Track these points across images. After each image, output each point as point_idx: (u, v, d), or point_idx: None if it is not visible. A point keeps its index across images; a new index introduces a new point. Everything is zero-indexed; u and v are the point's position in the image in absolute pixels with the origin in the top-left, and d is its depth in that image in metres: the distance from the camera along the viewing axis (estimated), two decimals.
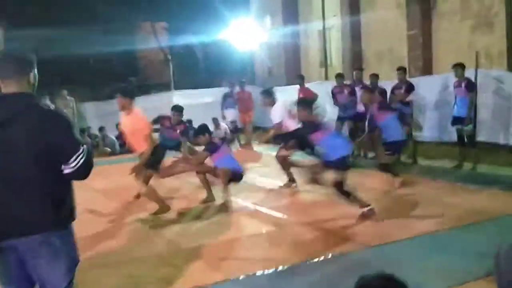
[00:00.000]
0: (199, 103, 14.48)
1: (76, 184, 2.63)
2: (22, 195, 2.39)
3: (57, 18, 17.85)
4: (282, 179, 7.61)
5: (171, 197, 7.09)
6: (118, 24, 19.56)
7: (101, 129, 13.78)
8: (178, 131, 8.07)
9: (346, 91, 10.04)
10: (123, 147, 13.74)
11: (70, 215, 2.56)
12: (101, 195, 7.72)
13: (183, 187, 7.96)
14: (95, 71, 20.56)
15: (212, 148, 6.73)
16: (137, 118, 6.23)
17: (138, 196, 6.86)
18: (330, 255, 4.46)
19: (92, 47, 18.39)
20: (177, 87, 16.39)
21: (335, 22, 14.45)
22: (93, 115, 14.79)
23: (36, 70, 2.53)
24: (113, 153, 13.15)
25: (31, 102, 2.45)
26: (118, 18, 19.24)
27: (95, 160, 2.65)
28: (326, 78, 14.39)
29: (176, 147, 8.17)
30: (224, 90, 13.66)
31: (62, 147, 2.44)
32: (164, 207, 6.25)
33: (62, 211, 2.51)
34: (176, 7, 20.65)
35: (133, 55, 23.40)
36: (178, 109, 8.23)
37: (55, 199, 2.48)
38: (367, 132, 7.67)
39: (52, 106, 13.16)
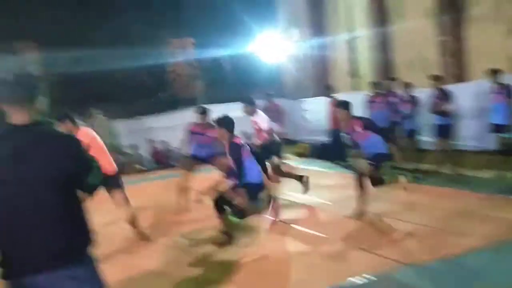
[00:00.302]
0: None
1: (107, 204, 2.58)
2: (41, 228, 2.30)
3: (88, 38, 18.19)
4: (317, 195, 7.46)
5: (206, 214, 7.01)
6: (147, 41, 19.78)
7: (132, 146, 13.94)
8: (209, 135, 7.58)
9: (381, 101, 9.86)
10: (156, 164, 13.90)
11: (90, 241, 2.47)
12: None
13: None
14: (126, 88, 20.81)
15: (229, 173, 6.66)
16: (83, 135, 5.80)
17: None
18: (370, 275, 4.30)
19: (123, 65, 18.65)
20: (205, 102, 16.42)
21: (363, 32, 14.28)
22: (125, 132, 14.95)
23: (44, 95, 2.45)
24: (145, 170, 13.24)
25: (40, 130, 2.38)
26: (147, 36, 19.49)
27: (128, 178, 2.62)
28: (355, 88, 14.21)
29: (210, 158, 7.64)
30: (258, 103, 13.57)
31: (77, 171, 2.41)
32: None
33: (82, 239, 2.44)
34: (203, 22, 20.80)
35: (162, 71, 23.62)
36: (201, 110, 7.83)
37: (75, 227, 2.41)
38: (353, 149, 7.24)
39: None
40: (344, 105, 6.59)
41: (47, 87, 2.44)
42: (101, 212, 6.06)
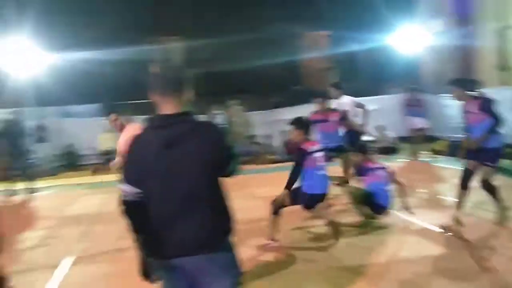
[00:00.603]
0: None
1: (240, 192, 2.62)
2: (191, 213, 2.42)
3: (228, 32, 18.93)
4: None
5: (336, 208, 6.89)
6: (283, 35, 20.09)
7: (267, 136, 14.25)
8: (331, 119, 7.33)
9: None
10: (287, 155, 14.05)
11: (232, 228, 2.56)
12: (262, 202, 7.80)
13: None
14: (261, 81, 21.35)
15: (358, 171, 6.42)
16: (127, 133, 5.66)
17: None
18: None
19: (258, 58, 19.14)
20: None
21: None
22: (259, 123, 15.35)
23: (191, 85, 2.54)
24: (277, 160, 13.44)
25: (189, 120, 2.48)
26: (284, 30, 19.79)
27: (259, 167, 2.63)
28: (505, 83, 13.00)
29: (340, 150, 7.35)
30: (395, 97, 13.11)
31: (222, 160, 2.49)
32: None
33: (226, 227, 2.53)
34: (339, 15, 20.52)
35: (296, 64, 23.84)
36: (320, 96, 7.61)
37: (222, 214, 2.52)
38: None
39: (222, 115, 14.07)
40: (457, 82, 6.02)
41: (192, 79, 2.53)
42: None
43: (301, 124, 5.64)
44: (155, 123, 2.48)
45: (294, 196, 5.51)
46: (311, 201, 5.55)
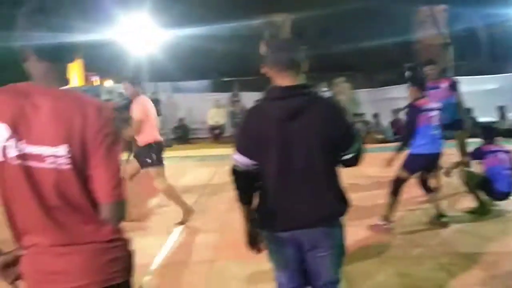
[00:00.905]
0: (481, 90, 13.25)
1: (350, 171, 2.55)
2: (309, 187, 2.38)
3: (335, 7, 18.52)
4: None
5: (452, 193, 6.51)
6: (395, 10, 19.23)
7: (375, 115, 13.86)
8: (444, 85, 6.81)
9: None
10: (396, 134, 13.57)
11: (347, 208, 2.50)
12: (373, 182, 7.61)
13: None
14: (370, 58, 20.73)
15: (476, 154, 5.95)
16: (141, 104, 5.78)
17: None
18: None
19: (367, 34, 18.55)
20: (457, 73, 15.30)
21: None
22: (367, 101, 14.96)
23: (305, 59, 2.44)
24: (385, 140, 13.06)
25: (310, 94, 2.41)
26: (396, 5, 18.93)
27: (367, 146, 2.56)
28: None
29: (456, 127, 6.79)
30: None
31: (341, 137, 2.39)
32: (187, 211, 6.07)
33: (344, 205, 2.48)
34: None
35: (409, 41, 22.80)
36: (428, 62, 7.14)
37: (337, 190, 2.47)
38: None
39: (329, 93, 13.86)
40: None
41: (305, 53, 2.46)
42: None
43: (416, 80, 5.43)
44: (273, 94, 2.42)
45: (408, 164, 5.29)
46: (425, 162, 5.31)
